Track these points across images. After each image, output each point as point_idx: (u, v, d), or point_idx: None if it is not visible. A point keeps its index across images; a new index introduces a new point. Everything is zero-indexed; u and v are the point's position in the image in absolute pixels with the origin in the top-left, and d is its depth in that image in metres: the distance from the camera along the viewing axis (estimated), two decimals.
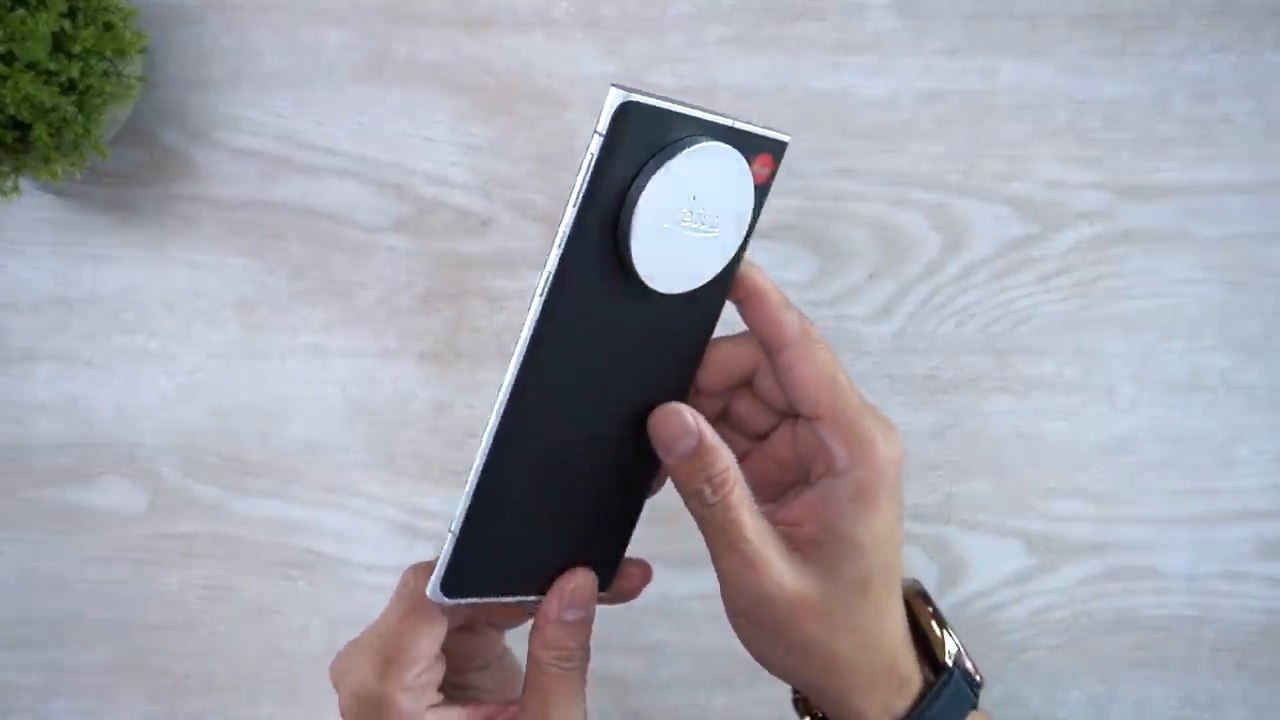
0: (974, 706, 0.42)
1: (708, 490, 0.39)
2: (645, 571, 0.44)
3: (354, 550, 0.62)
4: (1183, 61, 0.59)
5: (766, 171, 0.39)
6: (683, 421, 0.39)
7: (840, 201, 0.60)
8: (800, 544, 0.40)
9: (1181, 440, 0.60)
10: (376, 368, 0.61)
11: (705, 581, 0.45)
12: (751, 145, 0.38)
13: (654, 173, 0.37)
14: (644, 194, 0.37)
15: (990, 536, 0.61)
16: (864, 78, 0.60)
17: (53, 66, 0.53)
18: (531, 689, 0.40)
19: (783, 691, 0.60)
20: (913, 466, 0.60)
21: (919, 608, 0.43)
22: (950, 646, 0.42)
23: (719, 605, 0.51)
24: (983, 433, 0.60)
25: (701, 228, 0.38)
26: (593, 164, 0.36)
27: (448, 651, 0.42)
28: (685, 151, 0.37)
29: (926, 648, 0.43)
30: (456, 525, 0.39)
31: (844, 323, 0.60)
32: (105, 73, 0.55)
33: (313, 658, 0.62)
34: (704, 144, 0.37)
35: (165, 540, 0.62)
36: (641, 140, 0.36)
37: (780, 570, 0.39)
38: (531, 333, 0.37)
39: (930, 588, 0.60)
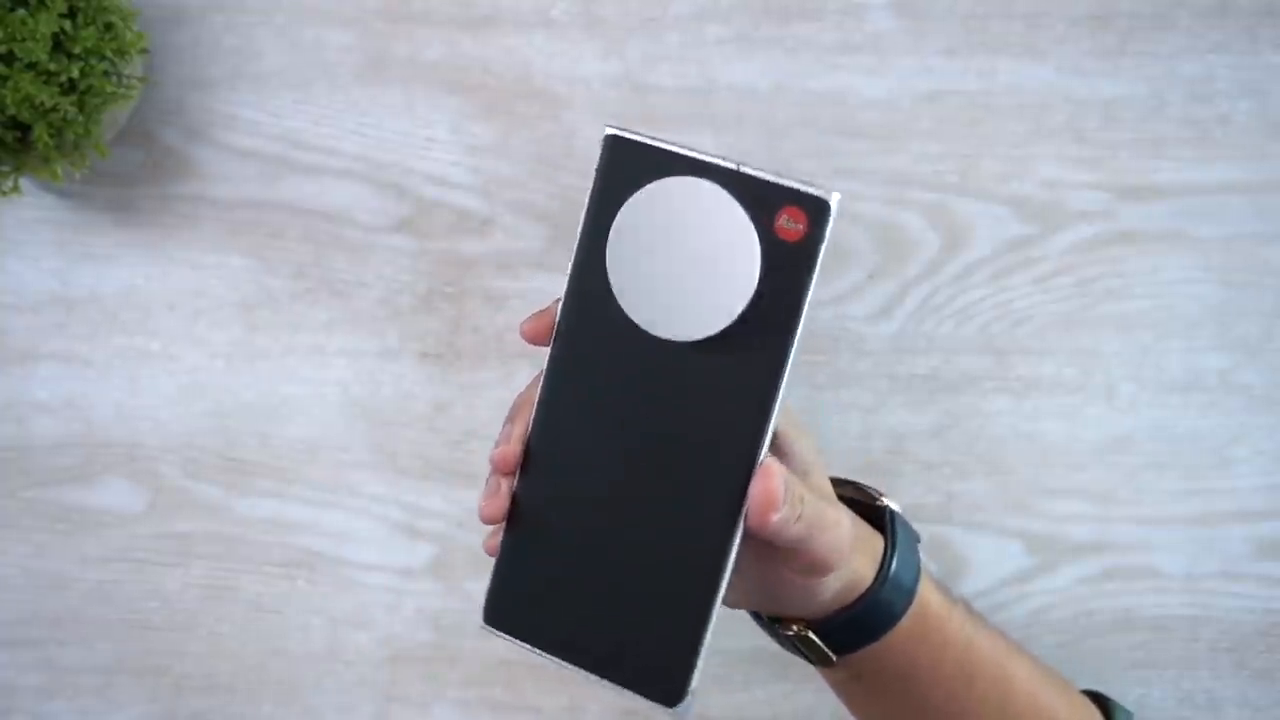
0: (918, 538, 0.47)
1: (799, 526, 0.39)
2: None
3: (354, 550, 0.62)
4: (1181, 62, 0.59)
5: (799, 229, 0.37)
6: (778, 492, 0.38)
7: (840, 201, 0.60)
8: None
9: (1180, 440, 0.60)
10: (377, 368, 0.61)
11: None
12: (769, 195, 0.37)
13: (625, 200, 0.38)
14: (616, 221, 0.38)
15: (990, 536, 0.61)
16: (863, 78, 0.60)
17: (53, 67, 0.53)
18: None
19: (780, 691, 0.61)
20: (913, 466, 0.61)
21: (845, 492, 0.48)
22: (885, 501, 0.47)
23: None
24: (982, 433, 0.60)
25: (688, 268, 0.37)
26: (589, 200, 0.38)
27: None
28: (656, 182, 0.37)
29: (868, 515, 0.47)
30: (499, 551, 0.40)
31: (844, 323, 0.60)
32: (105, 73, 0.55)
33: (313, 658, 0.62)
34: (679, 179, 0.37)
35: (165, 540, 0.62)
36: (631, 176, 0.38)
37: (834, 513, 0.41)
38: (551, 364, 0.39)
39: None
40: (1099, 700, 0.51)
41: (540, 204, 0.60)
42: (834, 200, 0.37)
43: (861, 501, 0.47)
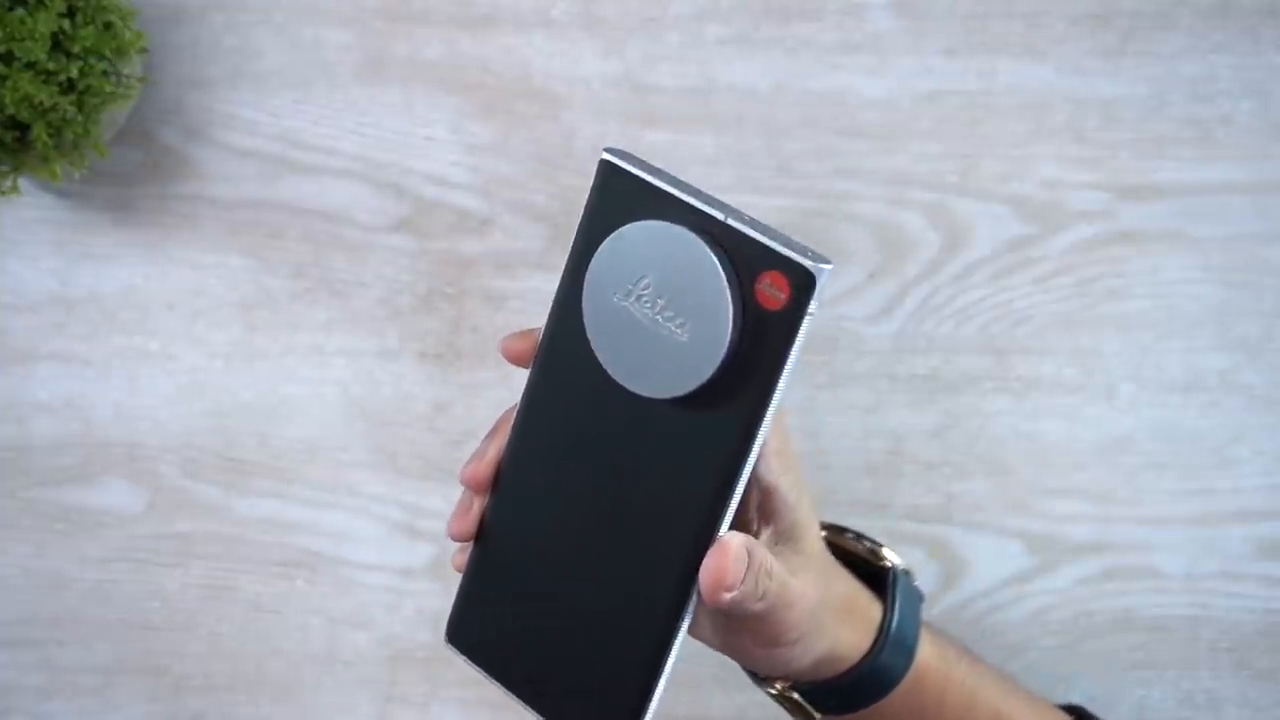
0: (921, 598, 0.47)
1: (761, 605, 0.38)
2: None
3: (354, 550, 0.62)
4: (1182, 62, 0.59)
5: (780, 297, 0.33)
6: (734, 568, 0.36)
7: (840, 201, 0.60)
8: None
9: (1180, 440, 0.60)
10: (376, 368, 0.61)
11: None
12: (753, 256, 0.33)
13: (608, 235, 0.35)
14: (594, 259, 0.35)
15: (990, 536, 0.61)
16: (863, 78, 0.60)
17: (52, 66, 0.53)
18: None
19: None
20: (913, 466, 0.60)
21: (845, 543, 0.48)
22: (889, 557, 0.47)
23: None
24: (982, 433, 0.60)
25: (660, 321, 0.35)
26: (580, 225, 0.36)
27: None
28: (637, 224, 0.35)
29: (868, 571, 0.46)
30: (466, 569, 0.40)
31: (844, 323, 0.60)
32: (105, 72, 0.55)
33: (313, 658, 0.62)
34: (660, 224, 0.34)
35: (165, 540, 0.62)
36: (618, 208, 0.35)
37: (800, 588, 0.39)
38: (527, 391, 0.38)
39: (930, 588, 0.60)
40: (1085, 716, 0.51)
41: (540, 204, 0.60)
42: (822, 273, 0.33)
43: (862, 555, 0.47)
